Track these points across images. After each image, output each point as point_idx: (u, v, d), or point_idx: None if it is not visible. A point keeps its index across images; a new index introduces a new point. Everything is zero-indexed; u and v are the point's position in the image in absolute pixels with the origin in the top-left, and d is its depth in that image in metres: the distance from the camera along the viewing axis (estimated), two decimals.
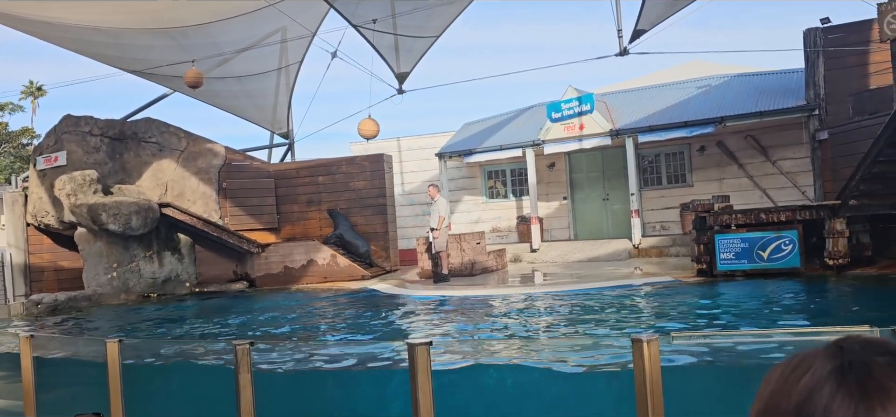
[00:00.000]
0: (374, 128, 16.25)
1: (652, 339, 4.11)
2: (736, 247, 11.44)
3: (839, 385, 0.68)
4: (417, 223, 20.73)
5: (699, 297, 10.58)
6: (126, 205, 14.95)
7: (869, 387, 0.67)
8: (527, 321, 10.09)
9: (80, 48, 16.69)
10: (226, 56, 17.11)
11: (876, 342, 0.72)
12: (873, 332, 4.53)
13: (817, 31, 14.03)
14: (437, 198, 14.10)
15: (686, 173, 17.72)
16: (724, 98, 16.50)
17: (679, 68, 21.23)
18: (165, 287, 15.75)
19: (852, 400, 0.66)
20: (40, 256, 16.71)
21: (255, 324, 11.36)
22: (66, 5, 14.05)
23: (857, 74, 13.60)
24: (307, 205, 17.64)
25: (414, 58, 17.11)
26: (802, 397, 0.70)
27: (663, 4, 14.24)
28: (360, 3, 14.32)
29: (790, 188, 16.24)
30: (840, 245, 10.97)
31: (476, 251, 15.10)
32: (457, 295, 12.35)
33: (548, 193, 19.10)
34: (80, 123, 16.44)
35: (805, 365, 0.72)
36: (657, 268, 13.52)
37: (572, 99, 16.81)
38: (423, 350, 4.39)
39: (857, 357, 0.70)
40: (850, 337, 0.74)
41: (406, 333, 9.74)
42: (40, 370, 6.61)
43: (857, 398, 0.66)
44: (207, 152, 17.00)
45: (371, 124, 16.21)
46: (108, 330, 11.53)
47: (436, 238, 13.85)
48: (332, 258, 16.18)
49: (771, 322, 8.34)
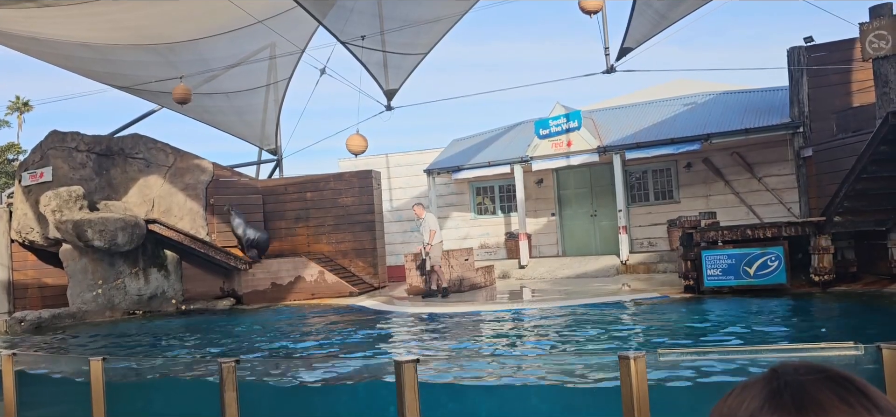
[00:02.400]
0: (363, 143, 16.25)
1: (639, 356, 4.11)
2: (723, 264, 11.50)
3: (775, 407, 0.72)
4: (405, 239, 20.71)
5: (686, 314, 10.62)
6: (112, 221, 14.84)
7: (804, 402, 0.71)
8: (515, 338, 10.07)
9: (67, 64, 16.63)
10: (214, 72, 17.10)
11: (807, 364, 0.77)
12: (858, 348, 4.56)
13: (801, 50, 14.21)
14: (424, 215, 14.19)
15: (673, 190, 17.83)
16: (710, 115, 16.66)
17: (665, 86, 21.44)
18: (151, 304, 15.62)
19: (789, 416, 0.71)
20: (24, 273, 16.53)
21: (242, 341, 11.27)
22: (54, 21, 14.00)
23: (840, 92, 13.78)
24: (295, 221, 17.58)
25: (402, 74, 17.16)
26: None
27: (649, 23, 14.38)
28: (349, 21, 14.36)
29: (776, 204, 16.38)
30: (825, 261, 11.06)
31: (464, 267, 15.11)
32: (445, 312, 12.32)
33: (536, 209, 19.16)
34: (67, 139, 16.33)
35: (744, 394, 0.76)
36: (645, 285, 13.57)
37: (560, 116, 16.91)
38: (410, 367, 4.38)
39: (791, 378, 0.75)
40: (784, 364, 0.78)
41: (393, 350, 9.70)
42: (23, 388, 6.52)
43: (794, 413, 0.71)
44: (195, 168, 16.93)
45: (359, 140, 16.21)
46: (93, 347, 11.41)
47: (429, 253, 13.88)
48: (319, 274, 16.11)
49: (757, 338, 8.38)
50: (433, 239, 13.84)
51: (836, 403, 0.71)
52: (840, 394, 0.72)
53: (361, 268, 17.12)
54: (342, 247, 17.26)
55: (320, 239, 17.39)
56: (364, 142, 16.23)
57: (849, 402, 0.71)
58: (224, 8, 13.68)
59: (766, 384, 0.76)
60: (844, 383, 0.73)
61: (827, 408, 0.70)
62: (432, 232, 13.85)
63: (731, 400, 0.77)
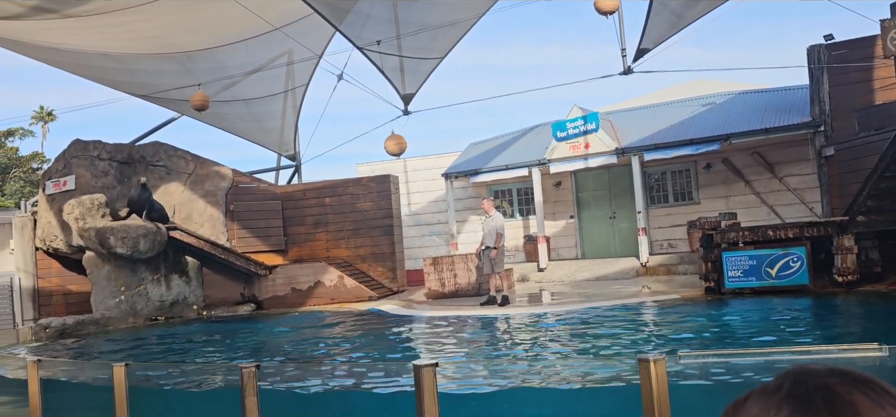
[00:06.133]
0: (400, 144, 16.15)
1: (658, 359, 4.09)
2: (744, 265, 11.39)
3: (808, 413, 0.71)
4: (424, 243, 20.73)
5: (708, 316, 10.53)
6: (134, 228, 15.02)
7: (837, 405, 0.71)
8: (535, 341, 10.05)
9: (88, 73, 16.88)
10: (232, 79, 17.25)
11: (827, 367, 0.77)
12: (882, 349, 4.50)
13: (821, 48, 14.04)
14: (493, 212, 13.08)
15: (692, 191, 17.68)
16: (729, 115, 16.50)
17: (683, 86, 21.28)
18: (173, 310, 15.77)
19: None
20: (49, 280, 16.77)
21: (263, 346, 11.35)
22: (74, 32, 14.22)
23: (861, 90, 13.59)
24: (314, 226, 17.67)
25: (419, 79, 17.21)
26: None
27: (666, 23, 14.30)
28: (365, 26, 14.43)
29: (798, 204, 16.18)
30: (849, 261, 10.91)
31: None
32: (464, 315, 12.32)
33: (554, 212, 19.09)
34: (89, 148, 16.56)
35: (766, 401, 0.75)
36: (665, 287, 13.46)
37: (577, 118, 16.84)
38: (429, 371, 4.38)
39: (818, 381, 0.74)
40: (801, 367, 0.78)
41: (413, 353, 9.72)
42: (47, 394, 6.62)
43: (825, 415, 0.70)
44: (215, 175, 17.09)
45: (396, 141, 16.15)
46: (121, 353, 11.54)
47: (494, 257, 12.73)
48: (339, 279, 16.18)
49: (780, 340, 8.28)
50: (499, 242, 12.69)
51: (868, 404, 0.71)
52: (868, 395, 0.72)
53: (380, 273, 17.16)
54: (361, 252, 17.31)
55: (339, 243, 17.47)
56: (401, 141, 16.14)
57: (879, 403, 0.71)
58: (241, 16, 13.81)
59: (791, 389, 0.74)
60: (869, 383, 0.73)
61: (860, 410, 0.70)
62: (499, 236, 12.69)
63: (752, 408, 0.76)
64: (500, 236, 12.69)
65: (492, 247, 12.70)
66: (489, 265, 12.83)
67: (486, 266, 12.99)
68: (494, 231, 12.70)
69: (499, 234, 12.68)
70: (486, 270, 13.10)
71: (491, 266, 12.79)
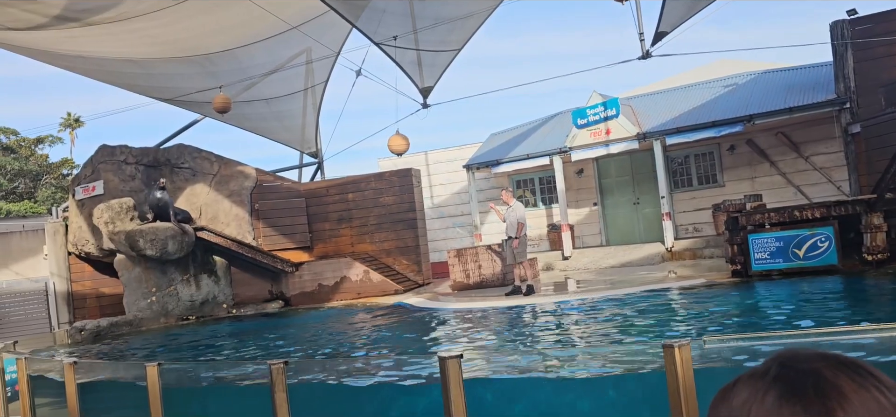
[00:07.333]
0: (404, 143, 16.28)
1: (683, 344, 4.09)
2: (770, 247, 11.28)
3: (795, 396, 0.75)
4: (447, 236, 20.81)
5: (734, 299, 10.45)
6: (162, 230, 15.27)
7: (824, 389, 0.74)
8: (561, 330, 10.06)
9: (113, 79, 17.16)
10: (253, 80, 17.43)
11: (814, 352, 0.80)
12: None
13: (844, 24, 13.81)
14: (513, 202, 13.00)
15: (717, 173, 17.51)
16: (751, 95, 16.30)
17: (704, 68, 21.04)
18: (203, 309, 16.03)
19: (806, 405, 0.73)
20: (82, 284, 17.14)
21: (293, 342, 11.50)
22: (97, 39, 14.46)
23: (887, 65, 13.34)
24: (338, 222, 17.82)
25: (437, 71, 17.23)
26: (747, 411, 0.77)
27: (684, 5, 14.15)
28: (382, 22, 14.48)
29: (825, 183, 15.96)
30: (878, 239, 10.75)
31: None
32: (490, 306, 12.37)
33: (577, 200, 19.03)
34: (116, 152, 16.86)
35: (755, 385, 0.79)
36: (691, 271, 13.38)
37: (597, 104, 16.76)
38: (455, 363, 4.43)
39: (806, 366, 0.77)
40: (788, 351, 0.81)
41: (439, 346, 9.79)
42: (84, 395, 6.80)
43: (816, 401, 0.73)
44: (239, 175, 17.30)
45: (400, 140, 16.27)
46: (150, 353, 11.78)
47: (516, 248, 12.71)
48: (364, 274, 16.31)
49: (810, 321, 8.21)
50: (520, 232, 12.66)
51: (853, 387, 0.74)
52: (854, 378, 0.75)
53: (405, 266, 17.27)
54: (385, 246, 17.43)
55: (363, 238, 17.60)
56: (405, 141, 16.28)
57: (864, 385, 0.75)
58: (258, 16, 13.94)
59: (778, 372, 0.78)
60: (854, 366, 0.77)
61: (846, 392, 0.74)
62: (520, 226, 12.66)
63: (741, 392, 0.79)
64: (521, 226, 12.72)
65: (513, 237, 12.75)
66: (512, 255, 12.91)
67: (509, 256, 13.11)
68: (516, 221, 12.74)
69: (520, 224, 12.72)
70: (509, 260, 13.24)
71: (513, 256, 12.87)
